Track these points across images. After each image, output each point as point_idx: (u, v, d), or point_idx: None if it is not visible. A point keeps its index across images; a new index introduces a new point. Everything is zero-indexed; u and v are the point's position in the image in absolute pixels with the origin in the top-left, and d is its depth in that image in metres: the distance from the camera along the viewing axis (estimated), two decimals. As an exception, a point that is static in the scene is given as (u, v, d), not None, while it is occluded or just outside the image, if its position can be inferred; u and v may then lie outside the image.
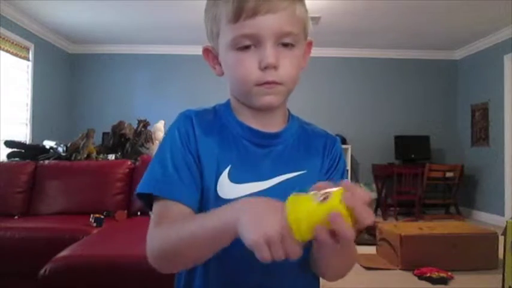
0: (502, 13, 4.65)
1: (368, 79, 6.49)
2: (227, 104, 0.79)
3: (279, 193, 0.67)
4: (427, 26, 5.29)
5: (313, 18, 5.01)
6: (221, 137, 0.74)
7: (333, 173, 0.78)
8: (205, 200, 0.71)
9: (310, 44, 0.77)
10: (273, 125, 0.76)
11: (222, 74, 0.74)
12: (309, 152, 0.78)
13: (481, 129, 5.91)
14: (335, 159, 0.79)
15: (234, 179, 0.71)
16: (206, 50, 0.76)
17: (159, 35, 5.79)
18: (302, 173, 0.74)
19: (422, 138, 6.30)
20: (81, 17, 5.11)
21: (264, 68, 0.67)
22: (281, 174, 0.73)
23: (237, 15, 0.65)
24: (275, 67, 0.67)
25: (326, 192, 0.51)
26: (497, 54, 5.50)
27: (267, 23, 0.65)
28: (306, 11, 0.73)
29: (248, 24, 0.65)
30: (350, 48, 6.30)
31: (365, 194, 0.52)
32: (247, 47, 0.67)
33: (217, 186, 0.71)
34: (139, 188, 0.70)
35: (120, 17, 5.12)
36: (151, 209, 0.71)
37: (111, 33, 5.77)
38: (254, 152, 0.74)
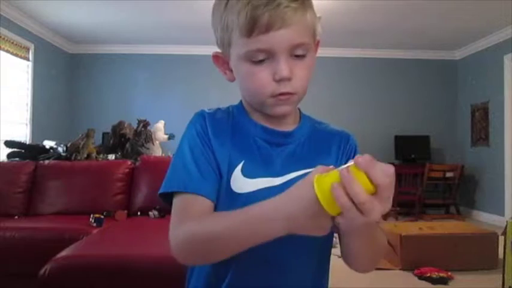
0: (502, 13, 4.64)
1: (368, 79, 6.49)
2: (240, 106, 0.81)
3: None
4: (427, 26, 5.29)
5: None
6: (234, 135, 0.76)
7: None
8: (218, 193, 0.72)
9: (317, 44, 0.78)
10: (284, 125, 0.78)
11: (234, 79, 0.75)
12: (321, 151, 0.79)
13: (481, 129, 5.91)
14: (350, 154, 0.80)
15: (247, 173, 0.72)
16: (216, 56, 0.77)
17: (159, 35, 5.79)
18: None
19: (422, 138, 6.30)
20: (81, 17, 5.11)
21: (279, 80, 0.68)
22: (293, 172, 0.74)
23: (250, 30, 0.65)
24: (289, 79, 0.68)
25: (348, 165, 0.53)
26: (497, 54, 5.50)
27: (281, 38, 0.66)
28: (315, 13, 0.73)
29: (261, 39, 0.66)
30: (350, 48, 6.30)
31: (385, 166, 0.52)
32: (261, 61, 0.68)
33: (231, 180, 0.72)
34: (164, 188, 0.71)
35: (120, 17, 5.12)
36: None
37: (111, 33, 5.77)
38: (267, 150, 0.75)
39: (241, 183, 0.72)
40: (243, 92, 0.76)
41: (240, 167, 0.73)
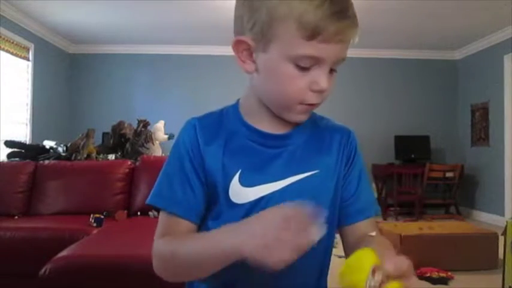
0: (502, 13, 4.64)
1: (368, 79, 6.49)
2: (235, 106, 0.77)
3: (292, 194, 0.67)
4: (427, 26, 5.29)
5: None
6: (227, 142, 0.72)
7: (350, 168, 0.78)
8: (218, 206, 0.71)
9: None
10: (285, 126, 0.75)
11: (253, 71, 0.69)
12: (321, 150, 0.76)
13: (481, 129, 5.91)
14: (351, 153, 0.79)
15: (245, 182, 0.70)
16: (241, 42, 0.67)
17: (159, 35, 5.79)
18: (315, 173, 0.73)
19: (422, 138, 6.30)
20: (81, 17, 5.11)
21: (315, 91, 0.67)
22: (293, 175, 0.72)
23: (313, 35, 0.62)
24: (325, 91, 0.68)
25: (382, 283, 0.54)
26: (497, 54, 5.50)
27: (336, 51, 0.65)
28: None
29: (319, 47, 0.63)
30: (350, 48, 6.26)
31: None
32: (306, 67, 0.65)
33: (230, 191, 0.70)
34: (149, 200, 0.74)
35: (120, 17, 5.12)
36: None
37: (111, 33, 5.77)
38: (263, 153, 0.72)
39: (241, 193, 0.70)
40: (265, 89, 0.70)
41: (237, 177, 0.70)
